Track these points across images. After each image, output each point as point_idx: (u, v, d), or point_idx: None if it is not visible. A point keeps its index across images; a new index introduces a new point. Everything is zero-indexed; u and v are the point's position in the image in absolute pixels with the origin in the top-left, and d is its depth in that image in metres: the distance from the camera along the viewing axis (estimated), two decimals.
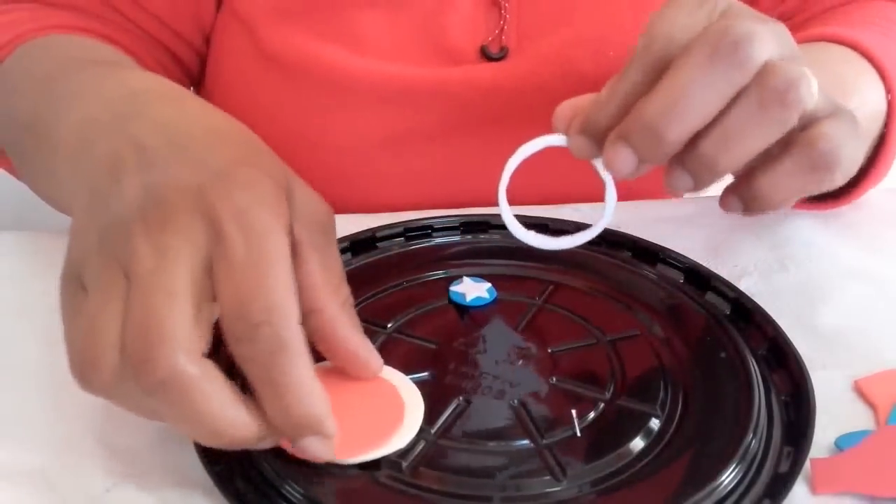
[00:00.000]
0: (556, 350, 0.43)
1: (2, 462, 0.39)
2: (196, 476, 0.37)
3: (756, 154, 0.36)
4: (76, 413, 0.41)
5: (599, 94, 0.39)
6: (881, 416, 0.41)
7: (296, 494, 0.35)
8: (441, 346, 0.44)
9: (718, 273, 0.50)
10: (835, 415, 0.41)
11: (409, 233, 0.54)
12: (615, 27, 0.60)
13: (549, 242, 0.42)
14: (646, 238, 0.53)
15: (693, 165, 0.37)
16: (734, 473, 0.37)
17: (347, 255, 0.52)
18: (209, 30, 0.64)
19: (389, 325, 0.45)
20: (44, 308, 0.47)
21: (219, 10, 0.63)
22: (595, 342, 0.44)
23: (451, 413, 0.39)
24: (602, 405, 0.40)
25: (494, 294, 0.47)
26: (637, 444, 0.38)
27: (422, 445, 0.37)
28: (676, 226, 0.57)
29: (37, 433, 0.40)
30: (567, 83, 0.60)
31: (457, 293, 0.47)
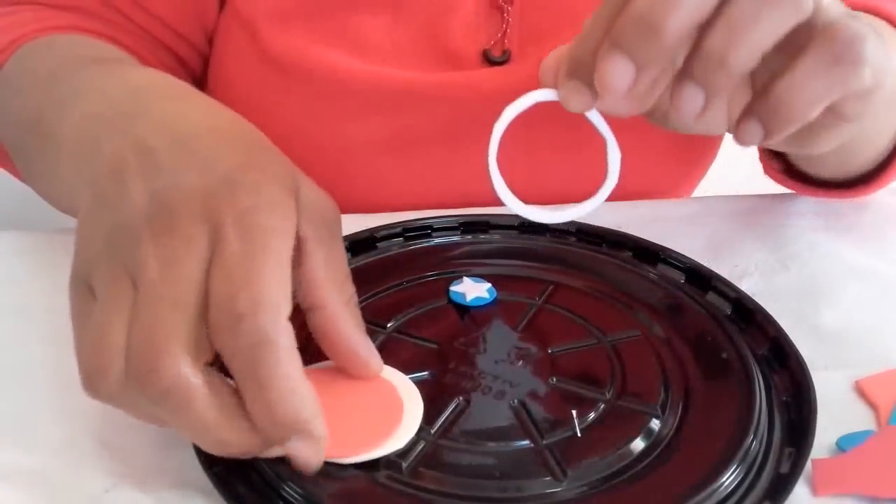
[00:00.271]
0: (557, 350, 0.43)
1: (1, 462, 0.39)
2: (195, 477, 0.37)
3: (770, 44, 0.34)
4: (76, 414, 0.41)
5: (582, 29, 0.36)
6: (882, 417, 0.41)
7: (295, 495, 0.35)
8: (441, 346, 0.43)
9: (719, 273, 0.50)
10: (836, 415, 0.41)
11: (409, 233, 0.54)
12: None
13: (549, 216, 0.40)
14: (646, 238, 0.53)
15: (706, 74, 0.34)
16: (735, 474, 0.36)
17: (347, 255, 0.51)
18: (212, 30, 0.64)
19: (389, 325, 0.45)
20: (43, 308, 0.48)
21: (221, 11, 0.63)
22: (595, 342, 0.44)
23: (451, 413, 0.39)
24: (602, 405, 0.40)
25: (494, 294, 0.47)
26: (637, 445, 0.38)
27: (421, 446, 0.37)
28: (677, 226, 0.57)
29: (36, 434, 0.40)
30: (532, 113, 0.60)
31: (457, 293, 0.47)
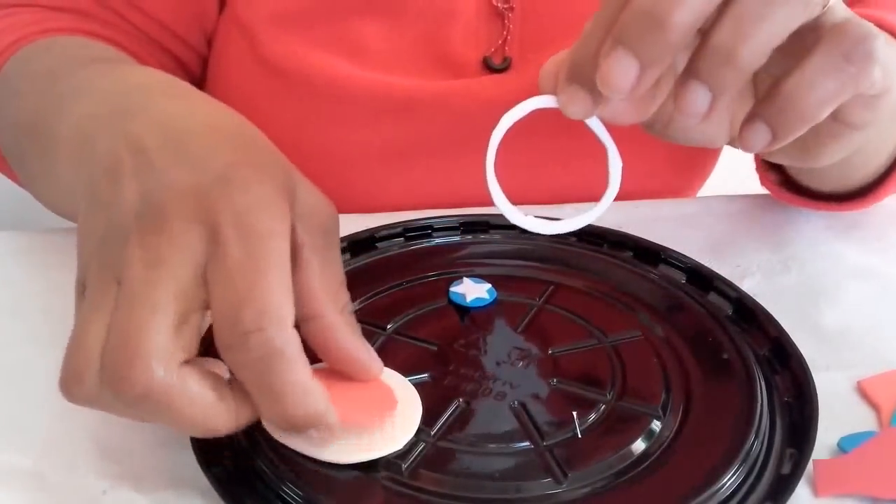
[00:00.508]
0: (557, 351, 0.43)
1: (0, 463, 0.39)
2: (194, 477, 0.37)
3: (779, 41, 0.33)
4: (73, 415, 0.41)
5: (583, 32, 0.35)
6: (884, 418, 0.41)
7: (294, 497, 0.35)
8: (441, 348, 0.43)
9: (720, 273, 0.49)
10: (838, 416, 0.41)
11: (409, 233, 0.54)
12: None
13: (548, 227, 0.38)
14: (647, 238, 0.52)
15: (712, 71, 0.33)
16: (736, 475, 0.36)
17: (347, 255, 0.52)
18: (211, 32, 0.63)
19: (389, 326, 0.45)
20: (39, 308, 0.48)
21: (221, 14, 0.62)
22: (596, 343, 0.44)
23: (451, 415, 0.39)
24: (603, 407, 0.40)
25: (494, 295, 0.47)
26: (638, 446, 0.38)
27: (421, 447, 0.37)
28: (678, 226, 0.57)
29: (34, 435, 0.40)
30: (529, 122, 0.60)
31: (457, 294, 0.47)
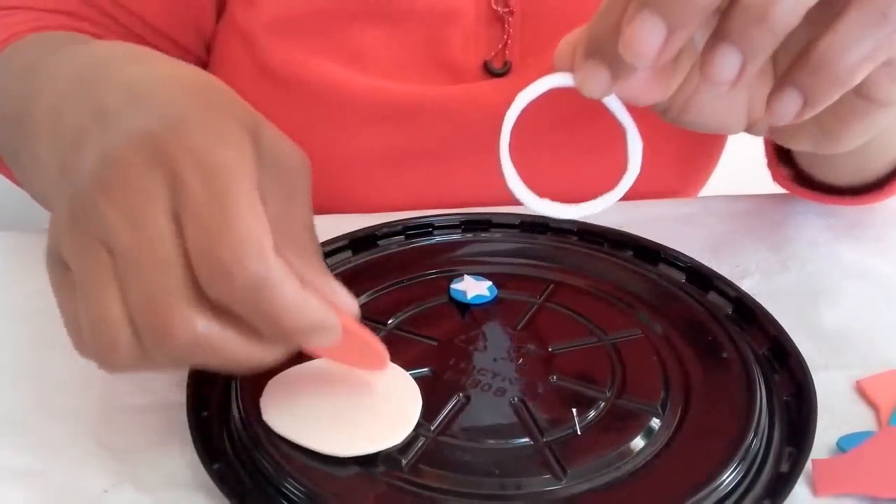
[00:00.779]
0: (557, 348, 0.43)
1: (0, 463, 0.39)
2: (195, 476, 0.37)
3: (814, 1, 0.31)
4: (75, 414, 0.41)
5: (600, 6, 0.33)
6: (883, 417, 0.41)
7: (295, 492, 0.35)
8: (441, 344, 0.43)
9: (720, 273, 0.50)
10: (837, 415, 0.41)
11: (410, 231, 0.54)
12: None
13: (564, 210, 0.37)
14: (647, 237, 0.53)
15: (744, 32, 0.31)
16: (735, 473, 0.36)
17: (348, 253, 0.52)
18: (209, 37, 0.63)
19: (390, 322, 0.45)
20: (41, 309, 0.47)
21: (220, 21, 0.62)
22: (596, 341, 0.44)
23: (451, 410, 0.39)
24: (602, 404, 0.40)
25: (495, 292, 0.47)
26: (637, 444, 0.38)
27: (421, 442, 0.37)
28: (678, 225, 0.57)
29: (35, 434, 0.40)
30: (571, 99, 0.60)
31: (457, 291, 0.47)
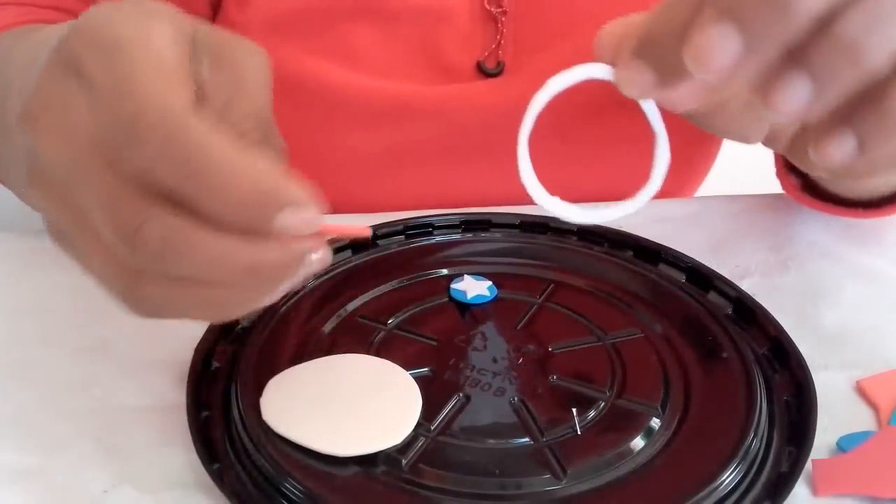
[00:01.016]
0: (557, 348, 0.43)
1: (0, 463, 0.39)
2: (195, 476, 0.37)
3: None
4: (75, 414, 0.41)
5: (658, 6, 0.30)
6: (883, 417, 0.41)
7: (296, 492, 0.35)
8: (441, 343, 0.43)
9: (720, 273, 0.50)
10: (836, 415, 0.41)
11: (410, 231, 0.54)
12: None
13: (583, 214, 0.36)
14: (647, 237, 0.53)
15: (827, 64, 0.27)
16: (735, 473, 0.36)
17: (348, 253, 0.52)
18: None
19: (390, 322, 0.45)
20: (41, 309, 0.48)
21: (215, 21, 0.62)
22: (596, 341, 0.44)
23: (451, 410, 0.39)
24: (602, 404, 0.40)
25: (495, 292, 0.47)
26: (637, 444, 0.38)
27: (421, 442, 0.37)
28: (678, 225, 0.57)
29: (35, 434, 0.40)
30: (565, 99, 0.60)
31: (457, 290, 0.47)
